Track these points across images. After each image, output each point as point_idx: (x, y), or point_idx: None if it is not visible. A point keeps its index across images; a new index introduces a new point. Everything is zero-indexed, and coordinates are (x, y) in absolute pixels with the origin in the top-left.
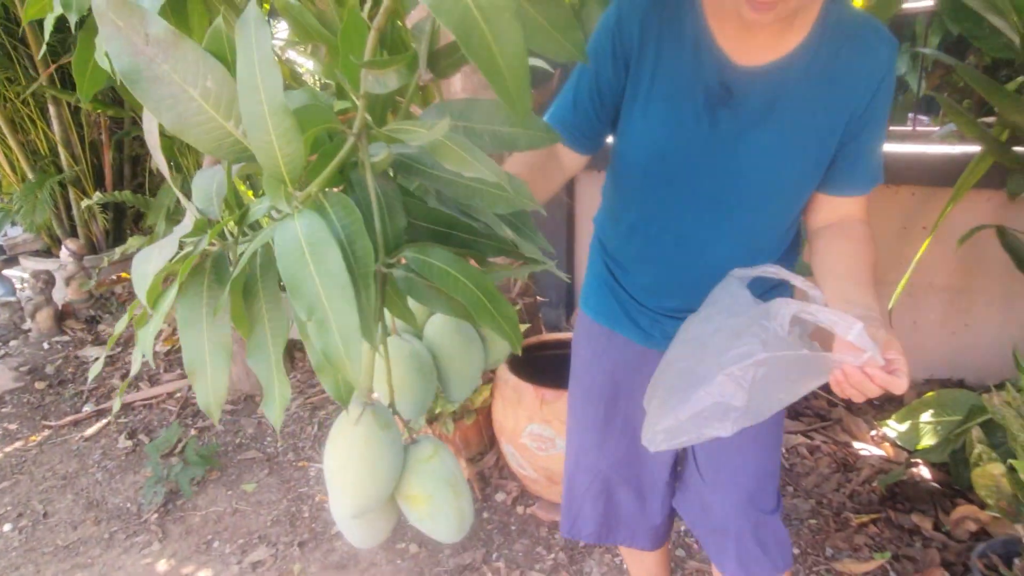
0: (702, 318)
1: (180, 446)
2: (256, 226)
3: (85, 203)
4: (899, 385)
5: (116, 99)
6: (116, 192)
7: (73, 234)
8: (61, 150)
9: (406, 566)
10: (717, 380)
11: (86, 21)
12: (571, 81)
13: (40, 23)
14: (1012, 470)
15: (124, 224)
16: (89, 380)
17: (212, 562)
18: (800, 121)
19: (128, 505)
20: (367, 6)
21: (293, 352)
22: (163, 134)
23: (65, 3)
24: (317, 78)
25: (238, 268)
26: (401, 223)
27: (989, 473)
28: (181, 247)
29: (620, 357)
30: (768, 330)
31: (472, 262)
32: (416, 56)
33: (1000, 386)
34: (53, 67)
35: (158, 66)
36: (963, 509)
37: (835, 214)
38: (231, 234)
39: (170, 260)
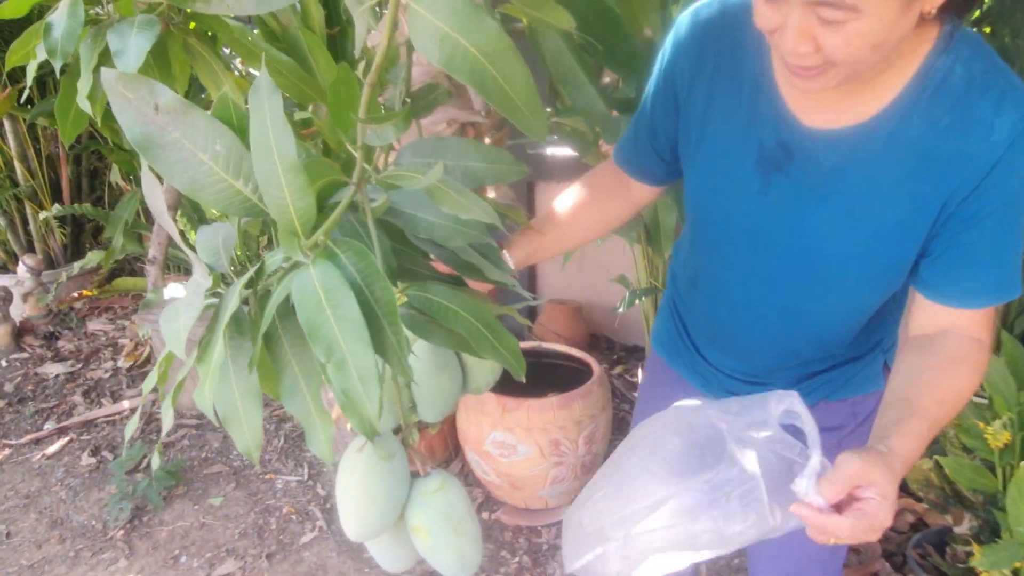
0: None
1: (145, 462)
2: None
3: (42, 216)
4: (839, 529)
5: None
6: (75, 205)
7: (30, 249)
8: (17, 164)
9: (374, 574)
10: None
11: (69, 66)
12: (637, 113)
13: None
14: (939, 466)
15: (83, 238)
16: (126, 440)
17: None
18: (874, 203)
19: (93, 523)
20: (361, 65)
21: None
22: (123, 148)
23: (50, 50)
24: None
25: (266, 321)
26: (392, 263)
27: (919, 468)
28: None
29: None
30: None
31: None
32: (411, 110)
33: None
34: (10, 89)
35: (169, 134)
36: (901, 502)
37: (933, 324)
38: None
39: (198, 314)
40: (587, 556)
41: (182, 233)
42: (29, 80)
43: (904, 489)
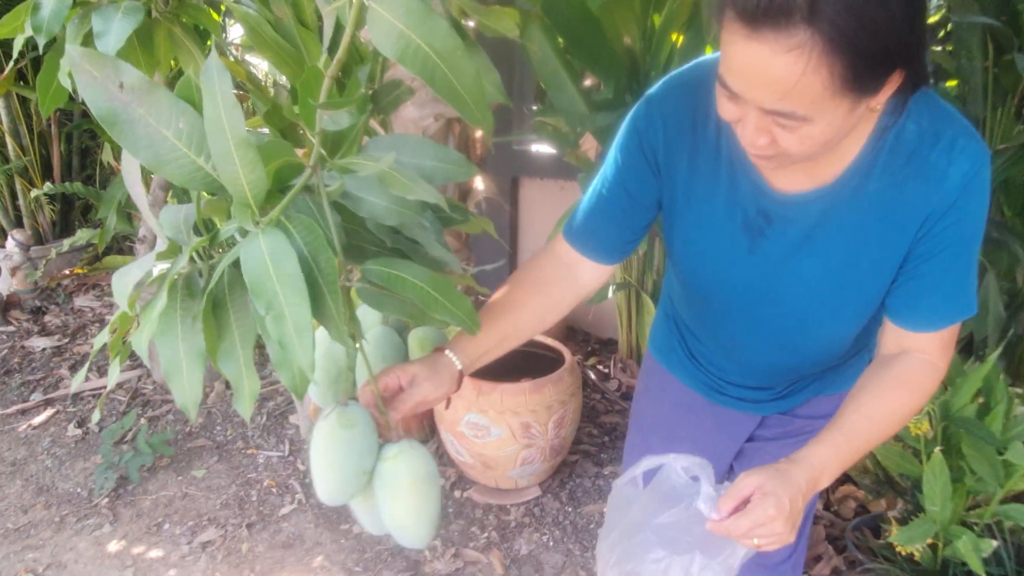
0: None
1: (132, 433)
2: (223, 247)
3: (34, 193)
4: (735, 528)
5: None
6: (67, 184)
7: (19, 224)
8: (8, 140)
9: (349, 545)
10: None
11: (53, 43)
12: (594, 185)
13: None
14: (873, 453)
15: (72, 216)
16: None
17: (163, 543)
18: (849, 251)
19: (79, 490)
20: (323, 58)
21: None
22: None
23: (35, 26)
24: (270, 78)
25: (213, 281)
26: (343, 240)
27: None
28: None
29: (678, 400)
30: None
31: None
32: (367, 97)
33: None
34: (9, 69)
35: (134, 110)
36: (844, 489)
37: (897, 345)
38: (200, 256)
39: (146, 276)
40: None
41: None
42: (15, 53)
43: (847, 477)
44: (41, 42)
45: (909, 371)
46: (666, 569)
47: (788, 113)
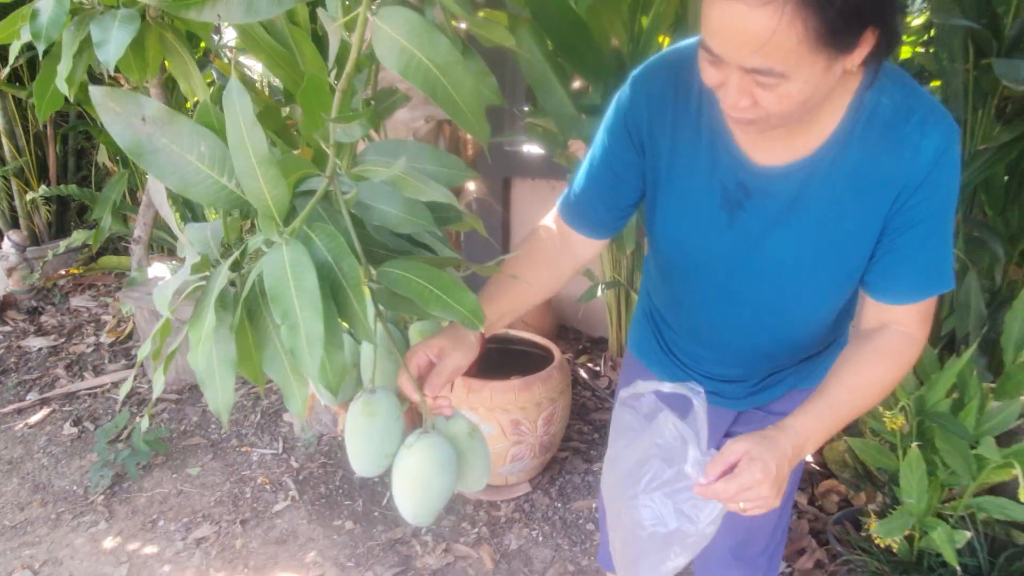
0: (613, 459)
1: (127, 432)
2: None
3: (30, 196)
4: (722, 491)
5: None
6: (62, 186)
7: (15, 225)
8: (5, 141)
9: (341, 540)
10: (638, 513)
11: (50, 50)
12: (583, 164)
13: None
14: (852, 448)
15: (67, 217)
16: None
17: (157, 539)
18: (827, 224)
19: (75, 488)
20: (332, 72)
21: None
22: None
23: (35, 33)
24: (265, 80)
25: (245, 290)
26: (360, 245)
27: (837, 449)
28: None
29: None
30: (664, 447)
31: None
32: (375, 110)
33: None
34: (7, 70)
35: (157, 140)
36: (827, 483)
37: (876, 319)
38: (232, 267)
39: (183, 286)
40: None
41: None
42: (11, 59)
43: (829, 472)
44: (40, 48)
45: (889, 343)
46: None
47: (766, 70)
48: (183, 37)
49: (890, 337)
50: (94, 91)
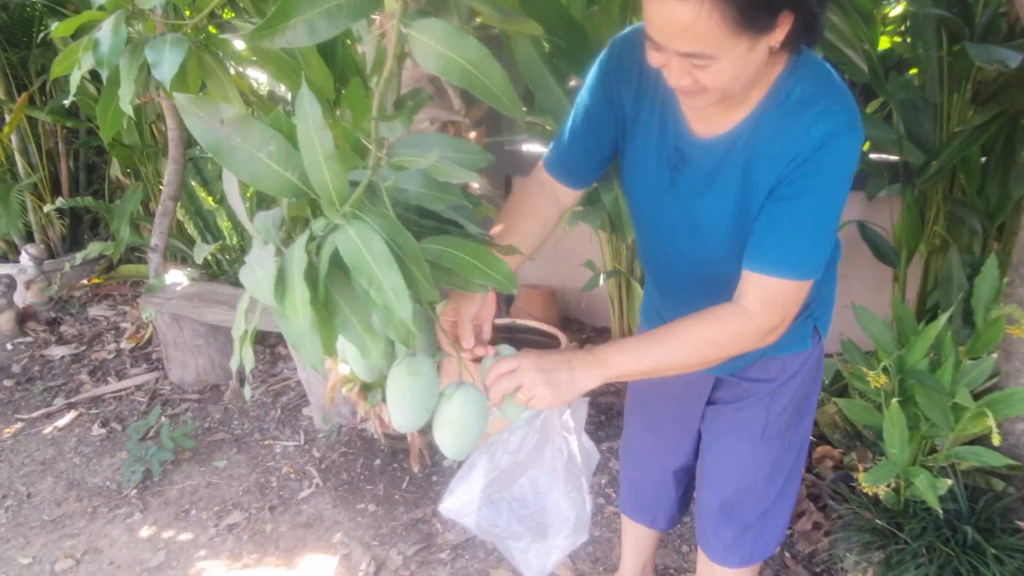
0: None
1: (155, 430)
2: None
3: (48, 208)
4: (488, 383)
5: (73, 112)
6: (77, 198)
7: (30, 240)
8: (19, 158)
9: (365, 522)
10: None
11: (111, 74)
12: (566, 123)
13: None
14: (840, 409)
15: (80, 229)
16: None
17: (191, 527)
18: (736, 192)
19: (108, 484)
20: (374, 80)
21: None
22: (124, 144)
23: (98, 62)
24: (266, 87)
25: (323, 268)
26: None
27: (827, 412)
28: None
29: None
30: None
31: None
32: (412, 109)
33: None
34: (24, 96)
35: (233, 140)
36: (821, 449)
37: (738, 290)
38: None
39: (274, 267)
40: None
41: (180, 224)
42: (73, 88)
43: (823, 438)
44: (104, 74)
45: (717, 310)
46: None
47: (698, 54)
48: (220, 60)
49: (724, 306)
50: (179, 98)
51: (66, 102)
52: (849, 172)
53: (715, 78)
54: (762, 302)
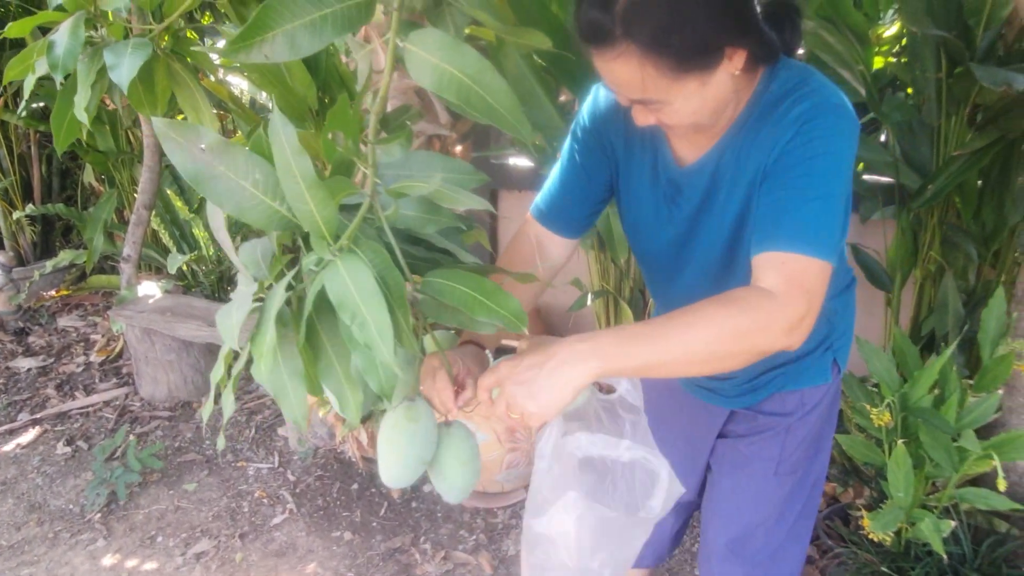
0: None
1: (122, 450)
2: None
3: (17, 215)
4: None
5: (47, 115)
6: (49, 205)
7: (0, 246)
8: None
9: (341, 551)
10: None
11: (67, 80)
12: (555, 169)
13: None
14: (839, 444)
15: (52, 237)
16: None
17: (157, 555)
18: (734, 204)
19: (71, 507)
20: (367, 97)
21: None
22: (98, 149)
23: (52, 65)
24: (248, 95)
25: (307, 308)
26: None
27: None
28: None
29: (664, 384)
30: None
31: None
32: (411, 131)
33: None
34: (3, 96)
35: (215, 168)
36: None
37: (752, 280)
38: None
39: (247, 313)
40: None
41: (155, 233)
42: (27, 93)
43: None
44: (58, 78)
45: (736, 291)
46: None
47: (648, 100)
48: (191, 69)
49: (744, 287)
50: (157, 122)
51: (20, 111)
52: (843, 141)
53: (673, 117)
54: (784, 280)
